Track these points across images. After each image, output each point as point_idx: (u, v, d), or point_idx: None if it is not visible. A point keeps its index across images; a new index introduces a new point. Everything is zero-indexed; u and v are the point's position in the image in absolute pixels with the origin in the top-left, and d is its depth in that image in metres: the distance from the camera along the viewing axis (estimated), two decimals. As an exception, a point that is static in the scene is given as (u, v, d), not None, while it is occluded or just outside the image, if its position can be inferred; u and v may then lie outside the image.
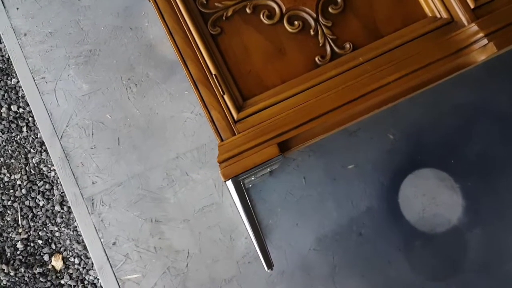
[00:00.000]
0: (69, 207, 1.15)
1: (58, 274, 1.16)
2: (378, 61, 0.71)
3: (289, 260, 1.09)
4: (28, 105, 1.20)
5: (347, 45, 0.73)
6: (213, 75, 0.69)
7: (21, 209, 1.18)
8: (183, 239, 1.10)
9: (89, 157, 1.13)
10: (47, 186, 1.19)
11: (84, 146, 1.14)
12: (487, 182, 1.13)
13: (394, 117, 1.15)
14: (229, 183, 0.64)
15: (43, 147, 1.19)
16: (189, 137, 1.14)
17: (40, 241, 1.17)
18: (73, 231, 1.17)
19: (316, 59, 0.72)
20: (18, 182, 1.20)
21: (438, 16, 0.74)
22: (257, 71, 0.71)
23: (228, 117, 0.68)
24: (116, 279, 1.09)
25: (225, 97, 0.69)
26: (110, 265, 1.10)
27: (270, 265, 0.71)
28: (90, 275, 1.16)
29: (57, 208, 1.18)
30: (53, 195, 1.19)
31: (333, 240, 1.10)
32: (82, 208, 1.11)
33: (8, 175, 1.20)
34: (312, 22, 0.73)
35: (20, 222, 1.18)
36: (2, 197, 1.19)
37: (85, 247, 1.14)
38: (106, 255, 1.10)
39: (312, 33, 0.73)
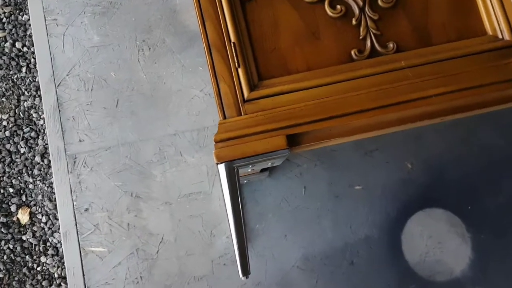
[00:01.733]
0: (50, 161, 1.07)
1: (22, 229, 1.07)
2: (422, 70, 0.61)
3: (269, 273, 0.99)
4: (33, 45, 1.12)
5: (391, 45, 0.63)
6: (232, 43, 0.60)
7: (0, 152, 1.10)
8: (161, 222, 1.00)
9: (83, 113, 1.04)
10: (32, 134, 1.11)
11: (80, 99, 1.05)
12: (502, 239, 1.02)
13: (416, 145, 1.05)
14: (222, 167, 0.55)
15: (38, 93, 1.11)
16: (192, 116, 1.05)
17: (11, 189, 1.09)
18: (48, 187, 1.08)
19: (352, 52, 0.62)
20: (4, 123, 1.12)
21: (500, 36, 0.64)
22: (282, 51, 0.62)
23: (238, 94, 0.59)
24: (80, 248, 1.00)
25: (240, 70, 0.59)
26: (77, 232, 1.00)
27: (246, 272, 0.61)
28: (54, 237, 1.07)
29: (37, 159, 1.09)
30: (37, 144, 1.10)
31: (321, 262, 1.00)
32: (62, 164, 1.02)
33: (-5, 113, 1.12)
34: (357, 11, 0.64)
35: (-5, 165, 1.09)
36: (-17, 135, 1.11)
37: (56, 207, 1.05)
38: (75, 220, 1.01)
39: (354, 22, 0.63)
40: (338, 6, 0.63)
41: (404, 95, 0.58)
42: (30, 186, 1.09)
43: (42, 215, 1.08)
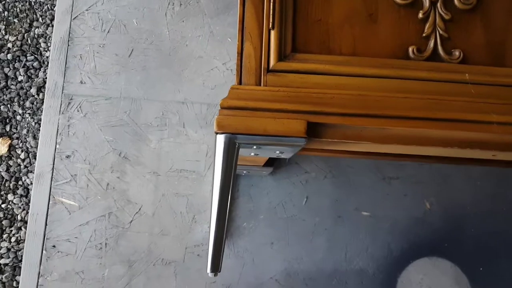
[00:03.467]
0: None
1: (-4, 160, 0.99)
2: (487, 91, 0.50)
3: (243, 278, 0.88)
4: (62, -29, 1.03)
5: (457, 53, 0.52)
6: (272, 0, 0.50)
7: (-3, 73, 1.02)
8: (142, 191, 0.91)
9: (92, 54, 0.95)
10: (35, 64, 1.02)
11: (93, 39, 0.96)
12: (508, 313, 0.90)
13: (442, 186, 0.93)
14: (221, 138, 0.45)
15: (53, 23, 1.02)
16: (207, 88, 0.95)
17: (-3, 115, 1.00)
18: (35, 124, 0.99)
19: (410, 49, 0.52)
20: (9, 45, 1.03)
21: None
22: (328, 25, 0.51)
23: (263, 60, 0.49)
24: (50, 195, 0.91)
25: (272, 33, 0.49)
26: (52, 177, 0.91)
27: (216, 269, 0.50)
28: (28, 177, 0.98)
29: (33, 91, 1.00)
30: (37, 76, 1.02)
31: (303, 282, 0.89)
32: (55, 102, 0.93)
33: (3, 32, 1.04)
34: (427, 4, 0.53)
35: (-12, 85, 1.01)
36: (-14, 51, 1.03)
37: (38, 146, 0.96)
38: (53, 164, 0.92)
39: (420, 16, 0.53)
40: (407, -8, 0.53)
41: (460, 113, 0.47)
42: (18, 117, 1.00)
43: (22, 151, 0.99)
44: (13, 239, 0.96)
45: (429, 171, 0.93)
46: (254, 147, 0.47)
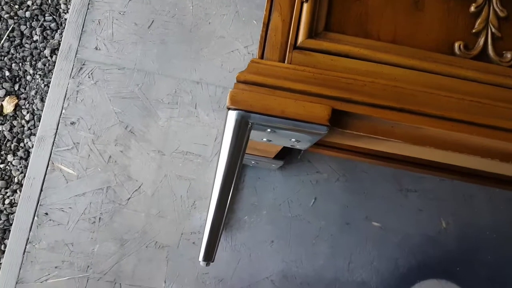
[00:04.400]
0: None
1: (1, 118, 0.96)
2: (540, 102, 0.44)
3: (237, 273, 0.83)
4: None
5: (509, 55, 0.46)
6: (309, -30, 0.44)
7: (13, 30, 0.99)
8: (144, 169, 0.86)
9: (111, 20, 0.91)
10: (52, 25, 0.99)
11: (114, 5, 0.92)
12: None
13: (462, 205, 0.86)
14: (233, 115, 0.40)
15: (77, -16, 0.99)
16: (225, 70, 0.90)
17: (7, 73, 0.97)
18: (45, 86, 0.96)
19: (456, 44, 0.46)
20: (29, 3, 1.00)
21: None
22: (368, 7, 0.46)
23: (290, 35, 0.43)
24: (49, 160, 0.87)
25: (305, 7, 0.44)
26: (53, 142, 0.88)
27: (209, 258, 0.46)
28: (30, 140, 0.95)
29: (46, 52, 0.97)
30: (53, 37, 0.99)
31: (300, 287, 0.83)
32: (67, 65, 0.90)
33: (26, -12, 1.01)
34: (482, -3, 0.47)
35: (1, 42, 0.98)
36: (4, 7, 1.00)
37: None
38: (57, 129, 0.88)
39: (472, 9, 0.47)
40: (461, -19, 0.47)
41: (506, 121, 0.41)
42: (28, 77, 0.97)
43: (28, 112, 0.96)
44: (7, 201, 0.93)
45: (450, 188, 0.86)
46: (268, 130, 0.42)
